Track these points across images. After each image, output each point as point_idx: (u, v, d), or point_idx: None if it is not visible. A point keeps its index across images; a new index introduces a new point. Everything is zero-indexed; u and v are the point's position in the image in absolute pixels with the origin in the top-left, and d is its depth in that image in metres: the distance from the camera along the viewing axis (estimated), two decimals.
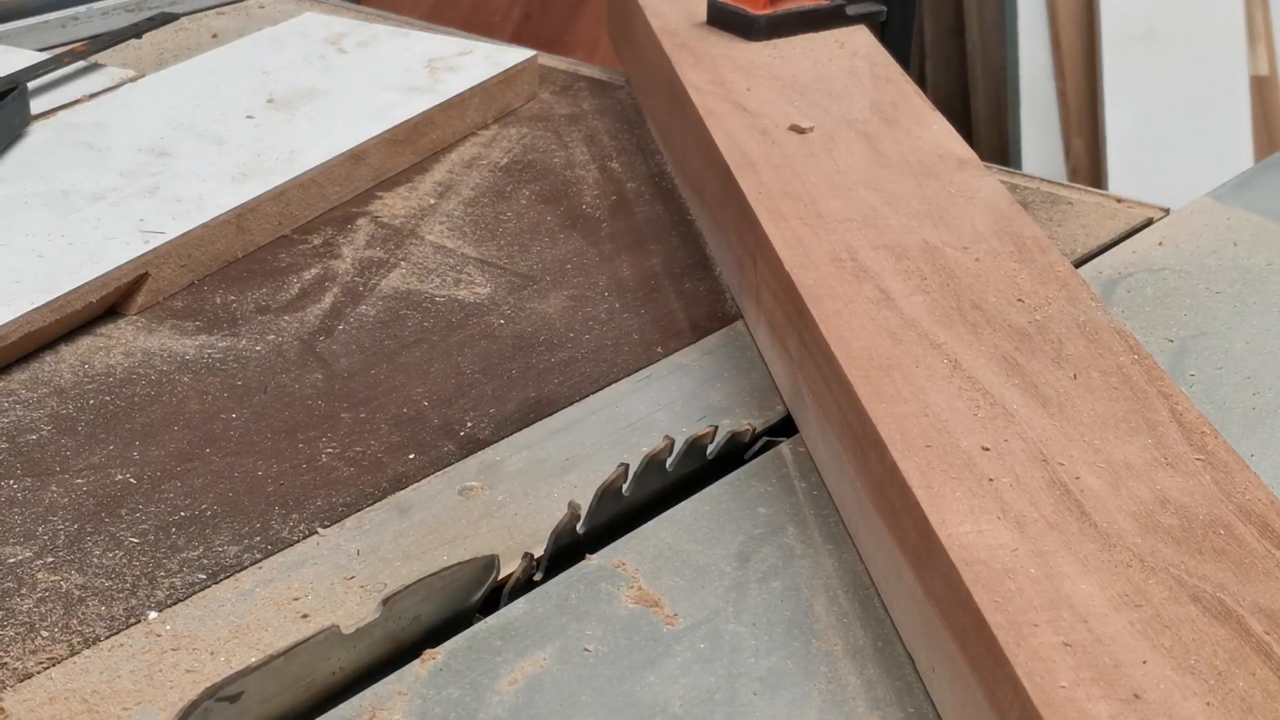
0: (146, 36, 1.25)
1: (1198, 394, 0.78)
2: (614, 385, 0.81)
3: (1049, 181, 1.04)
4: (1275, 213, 0.97)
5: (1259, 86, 2.60)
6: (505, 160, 1.08)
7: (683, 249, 0.96)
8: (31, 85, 1.08)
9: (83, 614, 0.63)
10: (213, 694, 0.57)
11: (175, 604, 0.64)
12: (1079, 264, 0.92)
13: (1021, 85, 2.59)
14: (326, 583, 0.65)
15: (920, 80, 2.70)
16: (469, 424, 0.77)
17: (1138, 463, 0.62)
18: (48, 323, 0.81)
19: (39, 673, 0.59)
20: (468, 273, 0.92)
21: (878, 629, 0.62)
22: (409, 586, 0.64)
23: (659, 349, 0.84)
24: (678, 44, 1.06)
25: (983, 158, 0.91)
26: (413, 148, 1.06)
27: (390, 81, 1.11)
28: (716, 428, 0.74)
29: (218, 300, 0.89)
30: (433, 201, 1.02)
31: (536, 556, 0.66)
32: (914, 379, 0.67)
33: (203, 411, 0.78)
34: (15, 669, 0.60)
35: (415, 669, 0.60)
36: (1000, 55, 2.63)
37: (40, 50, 1.20)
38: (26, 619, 0.62)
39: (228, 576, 0.65)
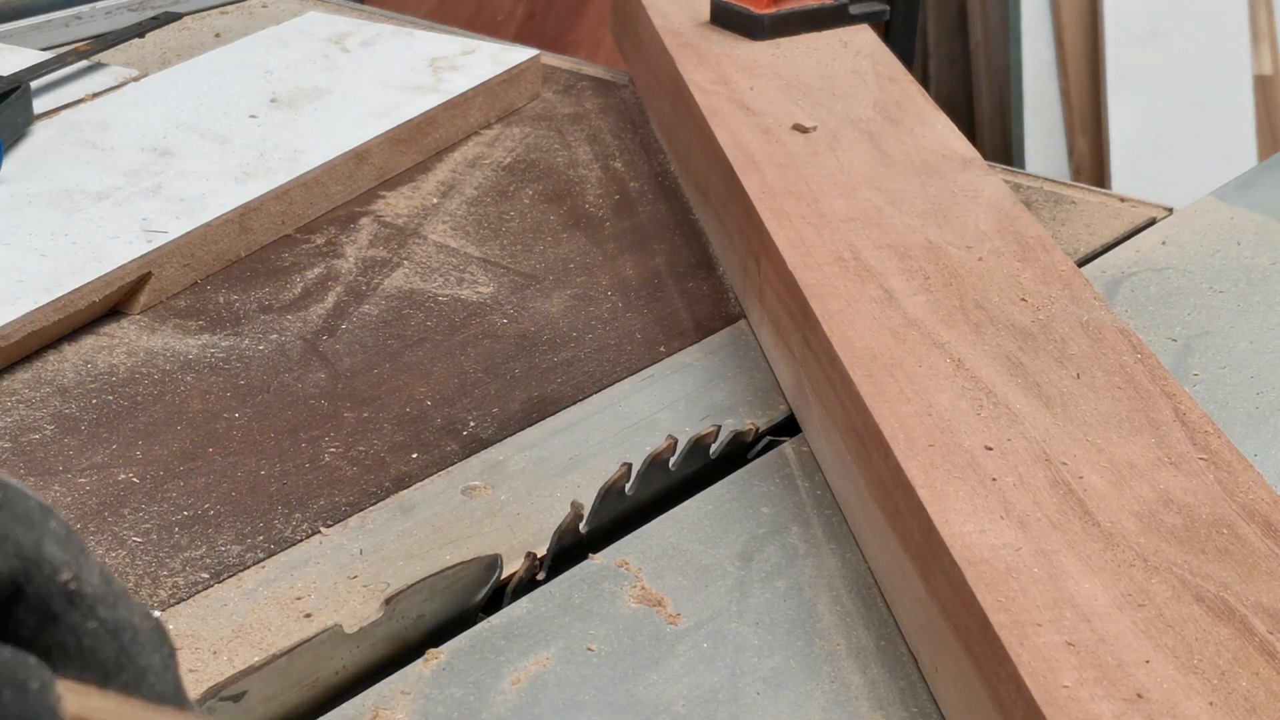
0: (150, 36, 1.25)
1: (1201, 393, 0.78)
2: (617, 384, 0.81)
3: (1052, 181, 1.04)
4: (1278, 212, 0.97)
5: (1262, 86, 2.60)
6: (508, 160, 1.08)
7: (686, 248, 0.96)
8: (35, 84, 1.08)
9: None
10: (216, 693, 0.57)
11: (178, 603, 0.64)
12: (1082, 263, 0.92)
13: (1025, 84, 2.59)
14: (329, 582, 0.65)
15: (924, 80, 2.70)
16: (472, 423, 0.77)
17: (1141, 462, 0.61)
18: (51, 322, 0.81)
19: None
20: (470, 272, 0.92)
21: (881, 628, 0.62)
22: (412, 586, 0.64)
23: (662, 348, 0.84)
24: (681, 43, 1.06)
25: (986, 157, 0.91)
26: (416, 147, 1.06)
27: (393, 81, 1.11)
28: (720, 427, 0.74)
29: (220, 300, 0.89)
30: (436, 201, 1.02)
31: (539, 556, 0.66)
32: (917, 378, 0.67)
33: (205, 411, 0.78)
34: None
35: (418, 668, 0.60)
36: (1004, 54, 2.63)
37: (43, 50, 1.20)
38: None
39: (230, 576, 0.65)
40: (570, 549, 0.67)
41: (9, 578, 0.31)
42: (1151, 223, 0.97)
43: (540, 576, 0.66)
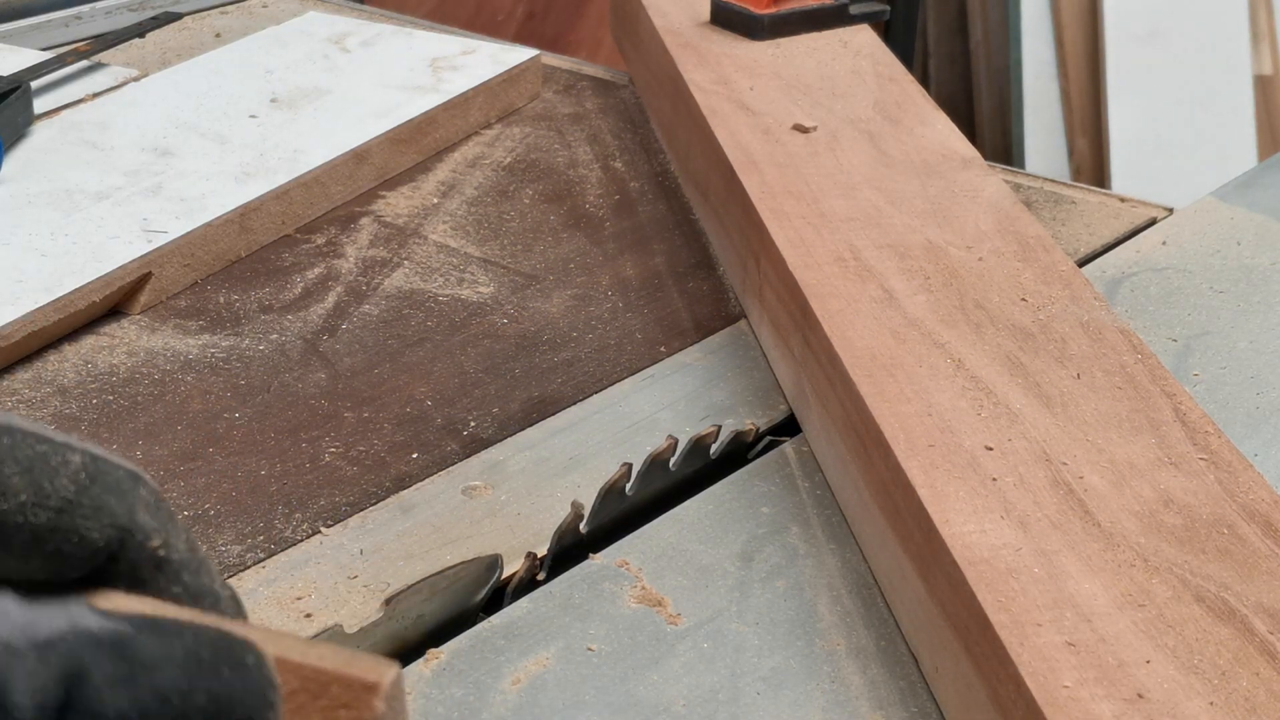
0: (150, 36, 1.25)
1: (1201, 393, 0.78)
2: (617, 384, 0.81)
3: (1052, 181, 1.04)
4: (1278, 212, 0.97)
5: (1262, 86, 2.60)
6: (508, 159, 1.08)
7: (686, 248, 0.96)
8: (35, 84, 1.08)
9: None
10: None
11: None
12: (1082, 263, 0.92)
13: (1025, 84, 2.59)
14: (330, 582, 0.65)
15: (924, 79, 2.70)
16: (472, 423, 0.77)
17: (1141, 462, 0.61)
18: (51, 322, 0.81)
19: None
20: (471, 272, 0.92)
21: (881, 628, 0.62)
22: (412, 586, 0.64)
23: (662, 348, 0.84)
24: (681, 43, 1.06)
25: (986, 157, 0.91)
26: (416, 147, 1.06)
27: (394, 81, 1.11)
28: (720, 427, 0.74)
29: (221, 299, 0.89)
30: (436, 201, 1.02)
31: (540, 556, 0.66)
32: (917, 378, 0.67)
33: (206, 411, 0.78)
34: None
35: (418, 668, 0.60)
36: (1004, 54, 2.63)
37: (43, 50, 1.20)
38: None
39: (231, 576, 0.65)
40: (570, 549, 0.67)
41: (104, 547, 0.32)
42: (1151, 223, 0.97)
43: (540, 576, 0.66)
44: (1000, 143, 2.65)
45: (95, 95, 1.10)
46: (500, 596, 0.65)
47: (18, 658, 0.28)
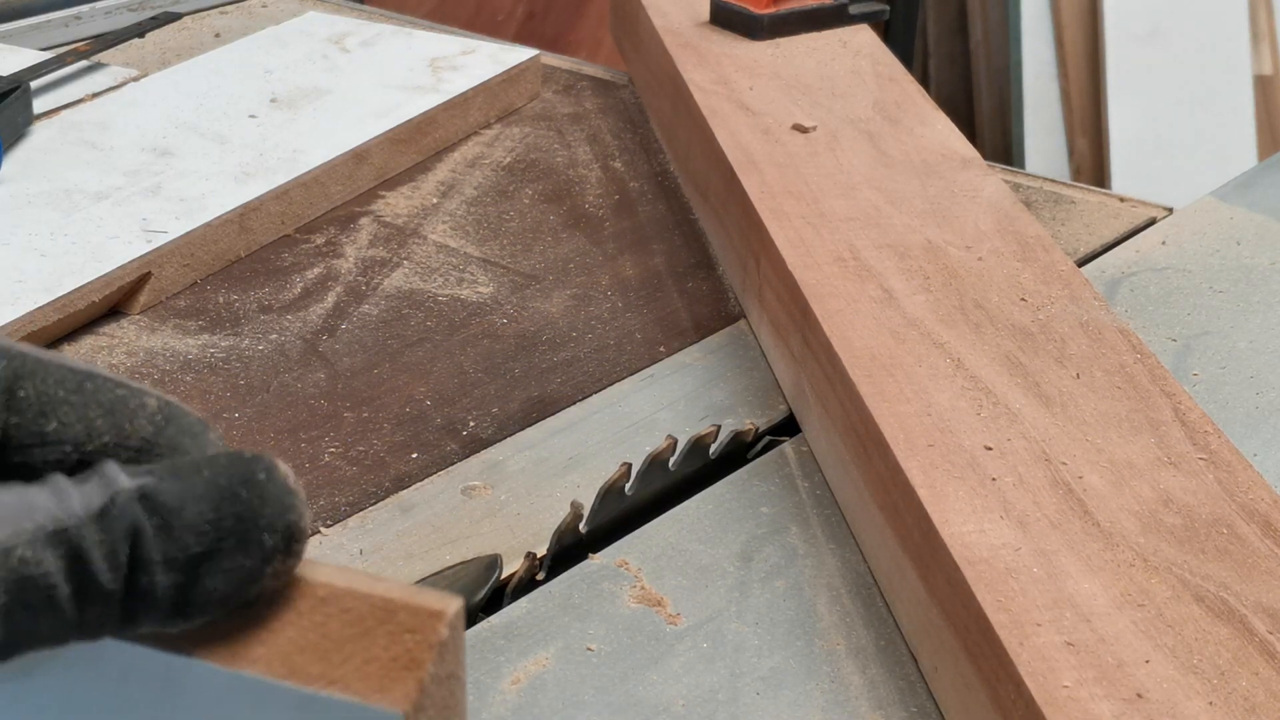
0: (149, 36, 1.25)
1: (1201, 393, 0.78)
2: (617, 384, 0.81)
3: (1052, 181, 1.04)
4: (1278, 212, 0.97)
5: (1262, 86, 2.60)
6: (508, 159, 1.08)
7: (685, 248, 0.96)
8: (34, 84, 1.08)
9: None
10: None
11: None
12: (1082, 263, 0.92)
13: (1025, 84, 2.59)
14: None
15: (923, 79, 2.70)
16: (472, 423, 0.77)
17: (1140, 462, 0.61)
18: (50, 322, 0.81)
19: None
20: (470, 272, 0.92)
21: (880, 628, 0.62)
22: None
23: (662, 348, 0.84)
24: (681, 43, 1.06)
25: (986, 157, 0.91)
26: (415, 147, 1.06)
27: (393, 81, 1.11)
28: (719, 427, 0.74)
29: (220, 299, 0.89)
30: (435, 201, 1.02)
31: (539, 556, 0.66)
32: (917, 378, 0.67)
33: (205, 411, 0.78)
34: None
35: None
36: (1004, 54, 2.63)
37: (43, 50, 1.20)
38: None
39: None
40: (570, 549, 0.67)
41: None
42: (1151, 223, 0.97)
43: (540, 576, 0.66)
44: (1000, 143, 2.65)
45: (95, 95, 1.10)
46: (500, 596, 0.65)
47: (87, 528, 0.30)
